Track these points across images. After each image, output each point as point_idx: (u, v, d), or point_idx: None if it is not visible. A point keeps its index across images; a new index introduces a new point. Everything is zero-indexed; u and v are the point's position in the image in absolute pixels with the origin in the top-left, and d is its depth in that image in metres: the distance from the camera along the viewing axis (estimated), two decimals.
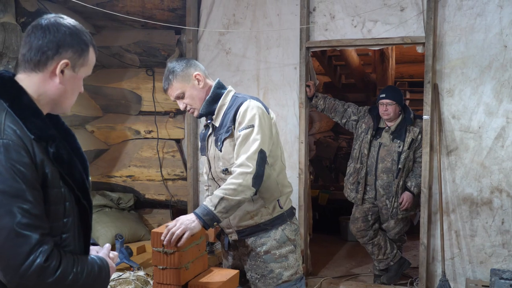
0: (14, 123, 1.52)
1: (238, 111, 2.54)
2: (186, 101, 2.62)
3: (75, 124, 5.33)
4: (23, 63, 1.62)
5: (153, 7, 5.11)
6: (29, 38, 1.61)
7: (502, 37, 4.16)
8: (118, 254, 4.21)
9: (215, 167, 2.64)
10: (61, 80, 1.62)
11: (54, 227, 1.59)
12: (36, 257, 1.47)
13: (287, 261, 2.60)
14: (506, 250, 4.25)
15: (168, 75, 2.62)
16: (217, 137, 2.62)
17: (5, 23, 4.00)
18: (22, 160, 1.48)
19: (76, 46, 1.63)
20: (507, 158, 4.21)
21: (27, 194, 1.47)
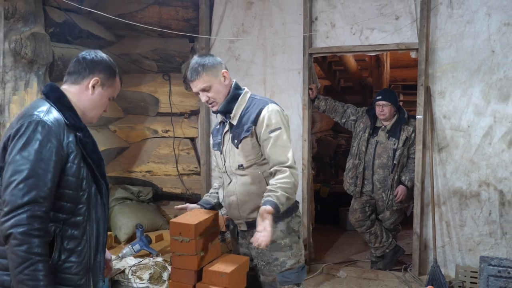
0: (54, 113, 1.85)
1: (260, 114, 2.49)
2: (210, 94, 2.53)
3: (100, 124, 5.30)
4: (68, 78, 1.99)
5: (169, 18, 5.10)
6: (75, 62, 2.00)
7: (490, 43, 4.10)
8: (139, 242, 4.27)
9: (230, 162, 2.59)
10: (92, 93, 1.97)
11: (71, 195, 1.84)
12: (26, 211, 1.70)
13: (291, 251, 2.57)
14: (493, 239, 4.19)
15: (197, 67, 2.51)
16: (234, 135, 2.57)
17: (36, 33, 4.01)
18: (51, 136, 1.78)
19: (106, 71, 1.99)
20: (494, 155, 4.15)
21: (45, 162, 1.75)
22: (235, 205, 2.59)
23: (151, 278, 3.89)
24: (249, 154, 2.52)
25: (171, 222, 2.49)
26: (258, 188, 2.53)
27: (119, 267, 3.95)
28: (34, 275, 1.70)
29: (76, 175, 1.85)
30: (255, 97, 2.63)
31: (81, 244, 1.88)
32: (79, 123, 1.91)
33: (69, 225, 1.85)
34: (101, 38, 5.07)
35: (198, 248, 2.44)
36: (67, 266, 1.84)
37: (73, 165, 1.83)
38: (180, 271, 2.46)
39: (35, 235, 1.71)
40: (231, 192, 2.60)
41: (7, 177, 1.75)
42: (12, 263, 1.71)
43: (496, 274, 2.97)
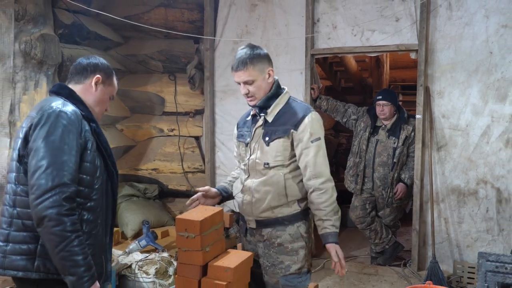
0: (70, 106, 1.97)
1: (303, 119, 2.42)
2: (252, 89, 2.44)
3: (107, 123, 5.33)
4: (71, 79, 2.12)
5: (175, 19, 5.13)
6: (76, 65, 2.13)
7: (488, 44, 4.10)
8: (145, 238, 4.28)
9: (256, 158, 2.50)
10: (96, 89, 2.10)
11: (88, 180, 1.94)
12: (58, 193, 1.80)
13: (297, 256, 2.50)
14: (490, 235, 4.20)
15: (245, 59, 2.40)
16: (267, 132, 2.48)
17: (45, 35, 4.03)
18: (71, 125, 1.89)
19: (105, 70, 2.14)
20: (491, 153, 4.15)
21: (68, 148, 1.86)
22: (248, 202, 2.52)
23: (157, 273, 3.89)
24: (279, 155, 2.45)
25: (177, 218, 2.50)
26: (275, 189, 2.46)
27: (126, 262, 3.96)
28: (74, 251, 1.81)
29: (92, 162, 1.95)
30: (295, 100, 2.56)
31: (96, 228, 1.97)
32: (91, 115, 2.03)
33: (87, 209, 1.93)
34: (108, 39, 5.09)
35: (204, 244, 2.44)
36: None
37: (90, 152, 1.94)
38: (186, 266, 2.46)
39: (68, 214, 1.80)
40: (246, 188, 2.53)
41: (34, 163, 1.83)
42: (51, 243, 1.80)
43: (493, 269, 2.98)
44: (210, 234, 2.52)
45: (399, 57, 7.91)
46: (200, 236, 2.41)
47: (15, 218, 1.90)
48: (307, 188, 2.46)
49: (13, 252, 1.89)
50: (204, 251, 2.44)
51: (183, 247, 2.45)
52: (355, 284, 4.23)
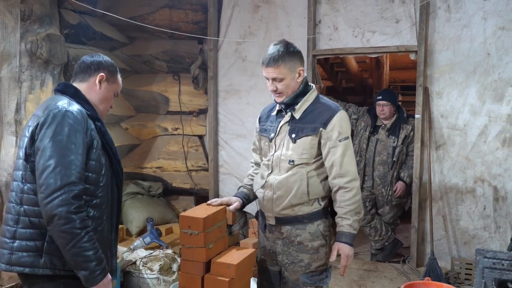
0: (75, 105, 1.98)
1: (332, 118, 2.36)
2: (280, 86, 2.37)
3: (112, 122, 5.35)
4: (75, 77, 2.12)
5: (179, 20, 5.15)
6: (80, 64, 2.13)
7: (485, 46, 4.14)
8: (149, 235, 4.29)
9: (280, 154, 2.44)
10: (100, 87, 2.10)
11: (93, 178, 1.95)
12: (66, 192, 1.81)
13: (317, 254, 2.45)
14: (487, 232, 4.23)
15: (277, 56, 2.33)
16: (293, 128, 2.42)
17: (51, 34, 4.04)
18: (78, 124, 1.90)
19: (109, 68, 2.13)
20: (488, 152, 4.19)
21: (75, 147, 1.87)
22: (269, 199, 2.47)
23: (161, 270, 3.92)
24: (305, 153, 2.39)
25: (181, 215, 2.48)
26: (298, 186, 2.40)
27: (130, 258, 3.99)
28: (85, 247, 1.84)
29: (98, 160, 1.97)
30: (323, 98, 2.50)
31: (102, 224, 1.99)
32: (96, 115, 2.04)
33: (93, 206, 1.95)
34: (114, 40, 5.11)
35: (207, 241, 2.43)
36: None
37: (96, 151, 1.96)
38: (189, 263, 2.45)
39: (77, 212, 1.83)
40: (268, 184, 2.47)
41: (42, 162, 1.84)
42: (63, 241, 1.83)
43: (491, 266, 3.00)
44: (213, 231, 2.51)
45: (399, 58, 7.94)
46: (203, 233, 2.41)
47: (22, 216, 1.92)
48: (332, 186, 2.42)
49: (20, 249, 1.90)
50: (207, 248, 2.44)
51: (187, 244, 2.44)
52: (355, 280, 4.26)
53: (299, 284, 2.49)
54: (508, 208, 4.14)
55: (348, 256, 2.39)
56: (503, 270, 2.97)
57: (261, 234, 2.66)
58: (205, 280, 2.40)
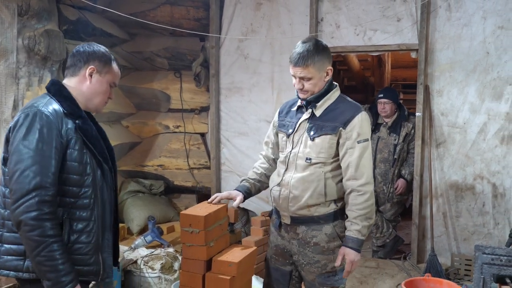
0: (53, 104, 1.92)
1: (353, 118, 2.34)
2: (308, 85, 2.35)
3: (112, 120, 5.36)
4: (67, 71, 2.06)
5: (181, 17, 5.17)
6: (71, 56, 2.05)
7: (485, 44, 4.23)
8: (150, 233, 4.29)
9: (298, 152, 2.42)
10: (90, 81, 2.03)
11: (75, 179, 1.90)
12: (34, 196, 1.77)
13: (333, 255, 2.42)
14: (486, 229, 4.33)
15: (306, 56, 2.29)
16: (313, 126, 2.40)
17: (49, 30, 4.01)
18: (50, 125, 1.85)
19: (100, 59, 2.04)
20: (488, 150, 4.29)
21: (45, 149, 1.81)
22: (285, 198, 2.43)
23: (162, 268, 3.93)
24: (323, 151, 2.37)
25: (182, 214, 2.47)
26: (315, 186, 2.37)
27: (131, 257, 4.00)
28: (50, 256, 1.79)
29: (78, 160, 1.90)
30: (345, 97, 2.48)
31: (89, 225, 1.94)
32: (78, 112, 1.96)
33: (76, 207, 1.91)
34: (114, 36, 5.11)
35: (208, 239, 2.42)
36: (77, 247, 1.92)
37: (74, 151, 1.89)
38: (190, 261, 2.44)
39: (46, 219, 1.78)
40: (285, 183, 2.44)
41: (11, 166, 1.82)
42: (28, 248, 1.80)
43: (489, 262, 3.10)
44: (214, 229, 2.49)
45: (400, 56, 8.01)
46: (204, 231, 2.39)
47: (6, 220, 1.90)
48: (346, 188, 2.39)
49: (6, 253, 1.89)
50: (208, 246, 2.43)
51: (188, 242, 2.43)
52: (356, 277, 4.34)
53: (315, 284, 2.48)
54: (506, 204, 4.25)
55: (354, 262, 2.35)
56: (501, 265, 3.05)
57: (274, 233, 2.61)
58: (206, 279, 2.40)
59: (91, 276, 1.99)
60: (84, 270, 1.95)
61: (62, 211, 1.89)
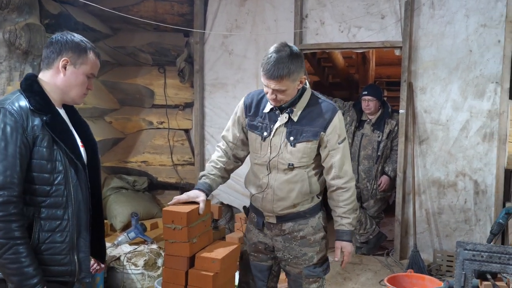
0: (20, 100, 1.84)
1: (332, 120, 2.32)
2: (281, 96, 2.27)
3: (95, 115, 5.31)
4: (42, 64, 1.96)
5: (164, 12, 5.12)
6: (45, 48, 1.95)
7: (468, 42, 4.26)
8: (134, 230, 4.24)
9: (278, 158, 2.37)
10: (64, 73, 1.92)
11: (43, 178, 1.84)
12: None
13: (319, 246, 2.48)
14: (468, 225, 4.38)
15: (282, 69, 2.18)
16: (292, 131, 2.35)
17: (30, 24, 3.95)
18: (13, 123, 1.77)
19: (74, 50, 1.93)
20: (470, 147, 4.33)
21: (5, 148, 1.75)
22: (269, 200, 2.42)
23: (145, 265, 3.91)
24: (305, 157, 2.35)
25: (164, 210, 2.42)
26: (300, 187, 2.38)
27: (114, 254, 3.96)
28: (15, 258, 1.74)
29: (46, 158, 1.83)
30: (317, 96, 2.42)
31: (62, 224, 1.88)
32: (47, 108, 1.87)
33: (47, 206, 1.85)
34: (96, 31, 5.04)
35: (191, 236, 2.39)
36: (50, 246, 1.86)
37: (41, 148, 1.82)
38: (173, 258, 2.42)
39: (11, 220, 1.73)
40: (269, 185, 2.41)
41: None
42: None
43: (470, 258, 3.11)
44: (197, 225, 2.46)
45: (384, 54, 8.06)
46: (187, 228, 2.36)
47: None
48: (329, 186, 2.43)
49: None
50: (191, 243, 2.40)
51: (170, 239, 2.39)
52: (340, 273, 4.35)
53: (301, 277, 2.50)
54: (488, 201, 4.30)
55: (351, 253, 2.50)
56: (482, 261, 3.06)
57: (254, 231, 2.58)
58: (189, 275, 2.38)
59: (67, 276, 1.93)
60: (58, 270, 1.90)
61: (32, 210, 1.84)
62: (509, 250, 2.34)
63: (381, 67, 8.76)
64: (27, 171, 1.81)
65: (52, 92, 1.93)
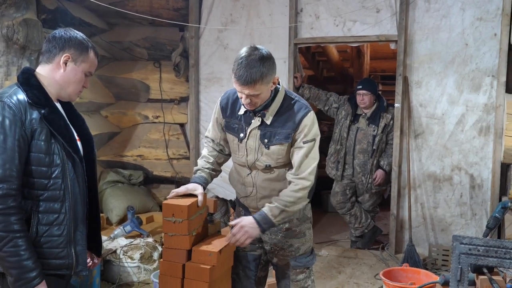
0: (18, 94, 1.83)
1: (302, 121, 2.28)
2: (255, 100, 2.24)
3: (91, 110, 5.28)
4: (41, 58, 1.94)
5: (160, 7, 5.08)
6: (46, 42, 1.93)
7: (463, 36, 4.20)
8: (130, 223, 4.26)
9: (255, 159, 2.38)
10: (64, 69, 1.92)
11: (41, 171, 1.83)
12: None
13: (305, 237, 2.50)
14: (463, 219, 4.33)
15: (254, 73, 2.13)
16: (265, 133, 2.33)
17: (27, 19, 3.93)
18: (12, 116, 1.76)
19: (77, 47, 1.93)
20: (466, 141, 4.27)
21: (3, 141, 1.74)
22: (253, 198, 2.45)
23: (141, 258, 3.92)
24: (280, 157, 2.35)
25: (164, 203, 2.40)
26: (282, 185, 2.37)
27: (110, 247, 3.96)
28: (14, 251, 1.73)
29: (44, 151, 1.82)
30: (291, 96, 2.36)
31: (60, 218, 1.87)
32: (45, 101, 1.86)
33: (45, 200, 1.84)
34: (92, 26, 5.01)
35: (191, 228, 2.38)
36: (47, 239, 1.85)
37: (39, 142, 1.81)
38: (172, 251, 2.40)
39: (10, 213, 1.72)
40: (249, 183, 2.43)
41: None
42: None
43: (467, 252, 3.07)
44: (196, 218, 2.47)
45: (379, 48, 8.00)
46: (188, 221, 2.36)
47: None
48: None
49: None
50: (191, 235, 2.40)
51: (170, 232, 2.37)
52: (335, 267, 4.32)
53: (289, 268, 2.51)
54: (484, 195, 4.24)
55: (243, 228, 2.27)
56: (478, 255, 3.03)
57: None
58: (186, 268, 2.37)
59: (64, 269, 1.92)
60: (56, 263, 1.89)
61: (30, 204, 1.83)
62: (505, 244, 2.31)
63: (376, 61, 8.71)
64: (25, 165, 1.80)
65: (49, 86, 1.92)
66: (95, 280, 3.60)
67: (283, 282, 2.57)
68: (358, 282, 4.01)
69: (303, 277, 2.53)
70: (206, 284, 2.33)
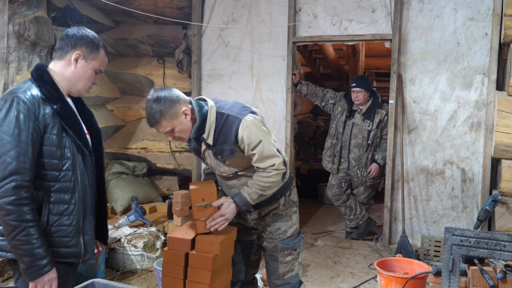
0: (32, 89, 1.84)
1: (238, 133, 2.24)
2: (176, 134, 2.25)
3: (98, 104, 5.27)
4: (54, 54, 1.95)
5: (164, 6, 5.05)
6: (59, 39, 1.95)
7: (456, 35, 4.16)
8: (134, 213, 4.25)
9: (221, 171, 2.42)
10: (75, 66, 1.93)
11: (53, 164, 1.84)
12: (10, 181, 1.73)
13: (291, 220, 2.56)
14: (455, 212, 4.30)
15: (154, 115, 2.17)
16: (216, 151, 2.33)
17: (38, 17, 3.96)
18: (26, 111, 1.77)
19: (88, 45, 1.93)
20: (457, 136, 4.24)
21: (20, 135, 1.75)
22: None
23: (145, 246, 3.92)
24: (241, 164, 2.36)
25: (192, 189, 2.36)
26: None
27: (115, 236, 3.96)
28: (26, 240, 1.75)
29: (56, 144, 1.83)
30: (221, 111, 2.30)
31: (69, 208, 1.88)
32: (57, 97, 1.87)
33: (56, 191, 1.86)
34: (99, 23, 5.01)
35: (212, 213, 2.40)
36: (58, 229, 1.86)
37: (51, 136, 1.82)
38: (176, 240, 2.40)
39: (23, 204, 1.74)
40: (232, 185, 2.47)
41: None
42: (5, 231, 1.76)
43: (458, 243, 3.05)
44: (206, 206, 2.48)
45: (374, 46, 7.96)
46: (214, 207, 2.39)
47: None
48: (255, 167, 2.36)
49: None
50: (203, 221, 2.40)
51: (202, 217, 2.36)
52: (331, 257, 4.30)
53: (277, 251, 2.54)
54: (474, 189, 4.21)
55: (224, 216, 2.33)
56: (470, 247, 3.01)
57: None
58: (190, 257, 2.37)
59: (72, 257, 1.93)
60: (65, 251, 1.90)
61: (42, 195, 1.84)
62: (496, 236, 2.29)
63: (371, 58, 8.67)
64: (37, 157, 1.81)
65: (61, 82, 1.93)
66: (100, 267, 3.61)
67: (272, 264, 2.58)
68: (353, 272, 3.99)
69: (290, 259, 2.56)
70: (209, 272, 2.33)
